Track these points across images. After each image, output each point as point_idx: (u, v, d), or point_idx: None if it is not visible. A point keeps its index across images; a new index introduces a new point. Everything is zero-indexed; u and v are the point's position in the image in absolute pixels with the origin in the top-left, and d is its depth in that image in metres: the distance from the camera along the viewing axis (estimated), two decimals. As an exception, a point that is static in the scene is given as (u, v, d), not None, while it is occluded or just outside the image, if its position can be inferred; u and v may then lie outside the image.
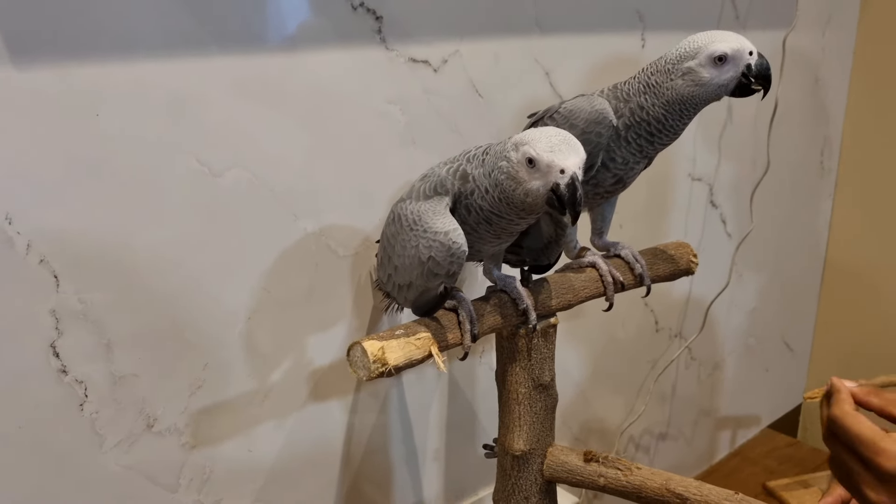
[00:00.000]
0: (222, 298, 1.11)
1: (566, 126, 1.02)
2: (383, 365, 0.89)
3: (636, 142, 1.02)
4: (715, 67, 0.97)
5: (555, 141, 0.84)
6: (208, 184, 1.05)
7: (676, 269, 1.19)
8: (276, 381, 1.19)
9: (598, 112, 1.01)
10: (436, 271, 0.91)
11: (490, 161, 0.90)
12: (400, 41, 1.20)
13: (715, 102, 1.02)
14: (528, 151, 0.84)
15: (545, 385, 1.08)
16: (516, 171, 0.85)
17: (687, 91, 0.98)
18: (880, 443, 0.71)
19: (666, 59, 1.00)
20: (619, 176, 1.06)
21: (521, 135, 0.87)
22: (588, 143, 1.01)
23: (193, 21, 0.99)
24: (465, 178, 0.92)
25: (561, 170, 0.83)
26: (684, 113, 1.00)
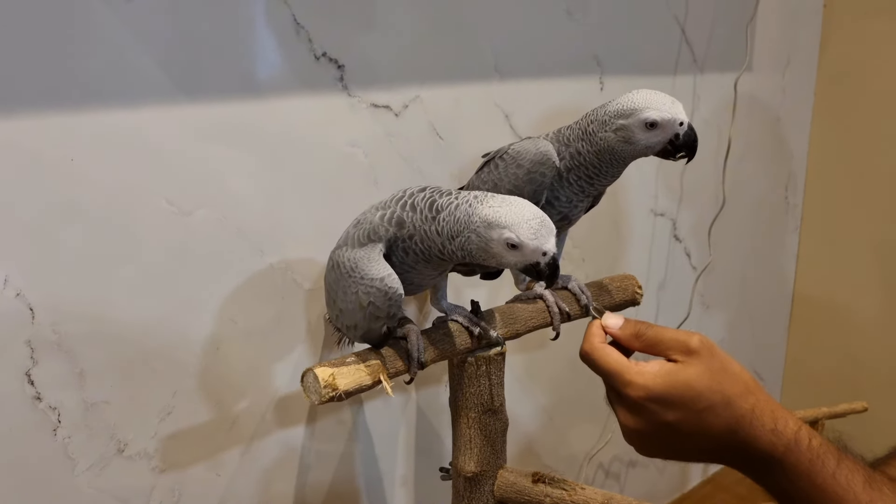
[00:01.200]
0: (191, 329, 1.18)
1: (513, 166, 1.10)
2: (333, 390, 0.96)
3: (577, 183, 1.10)
4: (645, 131, 1.04)
5: (535, 226, 0.89)
6: (178, 222, 1.12)
7: (622, 300, 1.26)
8: (243, 408, 1.26)
9: (543, 154, 1.08)
10: (377, 314, 0.98)
11: (449, 223, 0.93)
12: (361, 88, 1.28)
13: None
14: (510, 238, 0.89)
15: (495, 409, 1.15)
16: (493, 249, 0.91)
17: (616, 145, 1.06)
18: (626, 375, 0.73)
19: (605, 111, 1.07)
20: (563, 213, 1.14)
21: (495, 214, 0.89)
22: (533, 182, 1.09)
23: (161, 72, 1.07)
24: (400, 225, 0.98)
25: (543, 252, 0.91)
26: (615, 162, 1.08)
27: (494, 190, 1.11)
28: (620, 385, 0.73)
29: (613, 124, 1.05)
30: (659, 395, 0.71)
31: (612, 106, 1.07)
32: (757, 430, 0.71)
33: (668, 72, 1.84)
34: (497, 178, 1.11)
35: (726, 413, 0.71)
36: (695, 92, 1.91)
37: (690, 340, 0.74)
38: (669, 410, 0.71)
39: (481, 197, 0.93)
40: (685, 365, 0.72)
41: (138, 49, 1.04)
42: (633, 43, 1.73)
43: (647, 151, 1.07)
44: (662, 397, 0.71)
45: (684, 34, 1.83)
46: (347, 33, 1.24)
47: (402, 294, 0.97)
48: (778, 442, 0.70)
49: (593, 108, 1.11)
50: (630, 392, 0.72)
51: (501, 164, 1.12)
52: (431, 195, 0.97)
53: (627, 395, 0.73)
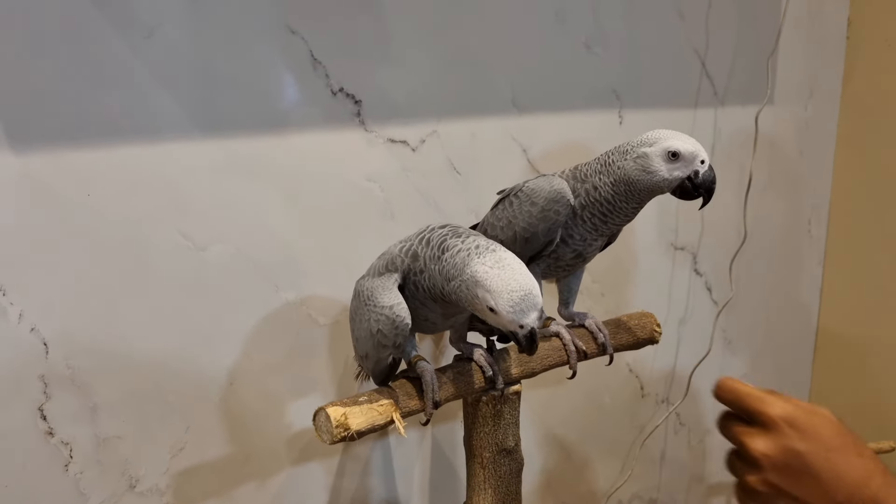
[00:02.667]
0: (205, 364, 1.17)
1: (528, 203, 1.09)
2: (345, 430, 0.94)
3: (591, 221, 1.09)
4: (666, 161, 1.03)
5: (516, 299, 0.88)
6: (193, 257, 1.12)
7: (640, 339, 1.24)
8: (257, 444, 1.25)
9: (557, 192, 1.07)
10: (383, 342, 0.97)
11: (448, 266, 0.93)
12: (378, 123, 1.28)
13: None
14: (490, 303, 0.88)
15: (509, 450, 1.13)
16: (477, 305, 0.91)
17: (634, 174, 1.04)
18: (765, 396, 0.76)
19: (628, 143, 1.07)
20: (578, 251, 1.12)
21: (484, 274, 0.88)
22: (547, 220, 1.08)
23: (176, 108, 1.08)
24: (415, 258, 0.98)
25: (520, 325, 0.90)
26: (630, 196, 1.06)
27: (508, 228, 1.10)
28: (759, 404, 0.76)
29: (635, 153, 1.04)
30: (796, 419, 0.74)
31: (637, 138, 1.06)
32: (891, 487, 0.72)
33: (689, 105, 1.82)
34: (511, 215, 1.11)
35: (860, 462, 0.73)
36: (715, 125, 1.89)
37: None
38: (803, 440, 0.73)
39: (482, 249, 0.92)
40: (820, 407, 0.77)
41: (155, 85, 1.05)
42: (652, 76, 1.72)
43: (664, 185, 1.05)
44: (799, 423, 0.74)
45: (704, 67, 1.82)
46: (364, 68, 1.24)
47: (409, 324, 0.96)
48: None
49: (613, 147, 1.10)
50: (769, 410, 0.75)
51: (516, 201, 1.11)
52: (446, 235, 0.97)
53: (766, 414, 0.75)
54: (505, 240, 1.11)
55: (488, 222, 1.16)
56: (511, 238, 1.10)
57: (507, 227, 1.11)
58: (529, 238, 1.09)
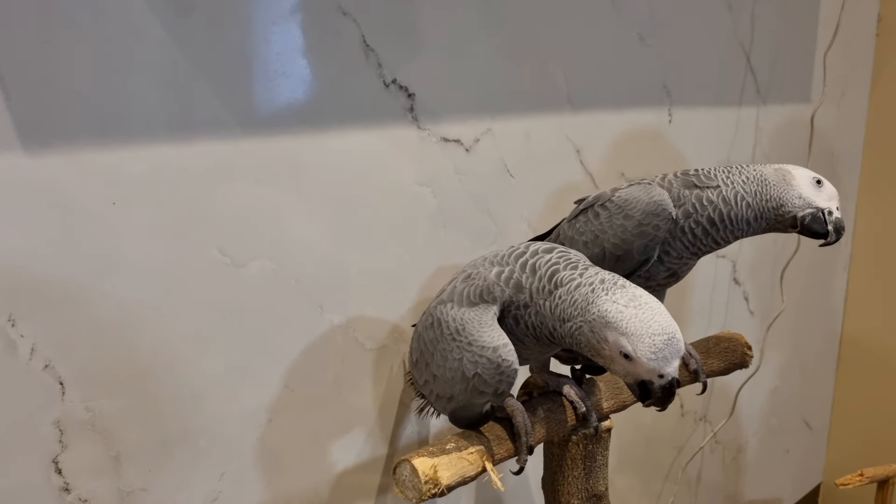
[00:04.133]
0: (241, 400, 1.01)
1: (620, 216, 0.95)
2: (435, 485, 0.79)
3: (693, 232, 0.95)
4: (810, 185, 0.94)
5: (659, 343, 0.75)
6: (230, 275, 0.96)
7: (731, 363, 1.11)
8: (298, 488, 1.08)
9: (657, 203, 0.94)
10: (482, 389, 0.82)
11: (564, 303, 0.79)
12: (432, 119, 1.13)
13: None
14: (625, 348, 0.75)
15: (599, 495, 0.99)
16: (603, 351, 0.77)
17: (772, 178, 0.94)
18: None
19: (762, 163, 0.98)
20: (672, 270, 0.99)
21: (617, 314, 0.75)
22: (644, 235, 0.94)
23: (214, 101, 0.91)
24: (518, 289, 0.83)
25: (660, 375, 0.76)
26: (752, 204, 0.94)
27: (595, 243, 0.96)
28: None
29: (774, 165, 0.95)
30: None
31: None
32: None
33: (734, 103, 1.70)
34: (599, 229, 0.96)
35: None
36: (757, 124, 1.78)
37: None
38: None
39: (609, 284, 0.78)
40: None
41: (191, 73, 0.88)
42: (700, 71, 1.60)
43: (798, 204, 0.95)
44: None
45: (749, 63, 1.70)
46: (420, 58, 1.09)
47: (517, 370, 0.81)
48: None
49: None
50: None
51: (604, 213, 0.97)
52: (556, 263, 0.82)
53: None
54: (590, 257, 0.96)
55: (566, 235, 1.02)
56: (598, 255, 0.96)
57: (593, 243, 0.96)
58: (622, 256, 0.95)
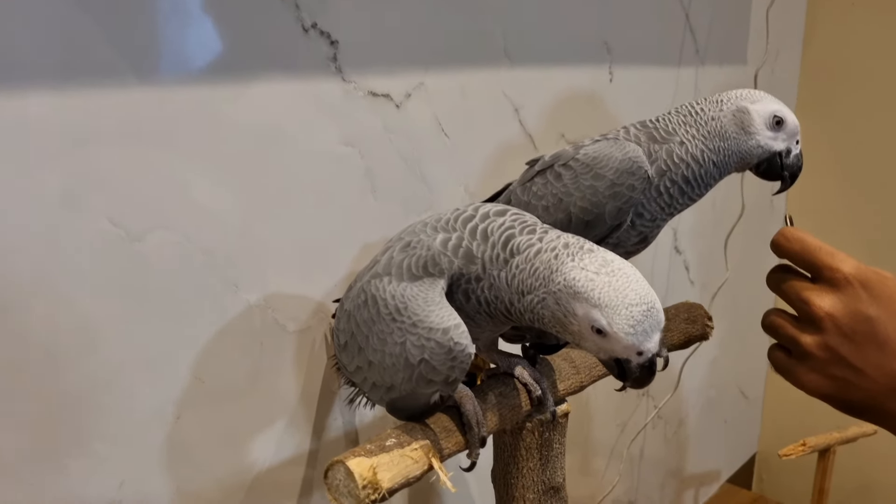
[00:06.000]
0: (143, 396, 0.86)
1: (589, 176, 0.84)
2: (375, 489, 0.67)
3: (668, 192, 0.85)
4: (768, 126, 0.85)
5: (638, 315, 0.64)
6: (125, 250, 0.81)
7: (690, 335, 1.02)
8: (210, 493, 0.95)
9: (632, 160, 0.83)
10: (430, 377, 0.70)
11: (523, 272, 0.69)
12: (358, 71, 1.00)
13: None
14: (598, 322, 0.64)
15: (557, 487, 0.88)
16: (571, 325, 0.66)
17: (731, 129, 0.84)
18: (837, 252, 0.70)
19: (719, 94, 0.87)
20: (643, 234, 0.90)
21: (587, 282, 0.64)
22: (618, 197, 0.83)
23: (103, 45, 0.76)
24: (469, 259, 0.72)
25: (639, 352, 0.66)
26: (719, 158, 0.85)
27: (558, 208, 0.85)
28: (831, 259, 0.68)
29: (734, 105, 0.84)
30: (869, 281, 0.67)
31: (732, 92, 0.86)
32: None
33: (674, 62, 1.63)
34: (563, 192, 0.85)
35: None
36: (696, 84, 1.71)
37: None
38: (873, 303, 0.67)
39: (574, 248, 0.67)
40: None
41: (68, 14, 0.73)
42: (640, 30, 1.51)
43: (757, 153, 0.86)
44: (873, 285, 0.67)
45: (688, 21, 1.62)
46: (344, 1, 0.96)
47: (472, 354, 0.69)
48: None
49: (695, 99, 0.90)
50: (843, 267, 0.68)
51: (568, 173, 0.85)
52: (510, 227, 0.71)
53: (838, 271, 0.68)
54: (552, 223, 0.85)
55: (519, 201, 0.90)
56: (563, 221, 0.85)
57: (555, 208, 0.85)
58: (591, 221, 0.84)
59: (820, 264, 0.69)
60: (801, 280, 0.72)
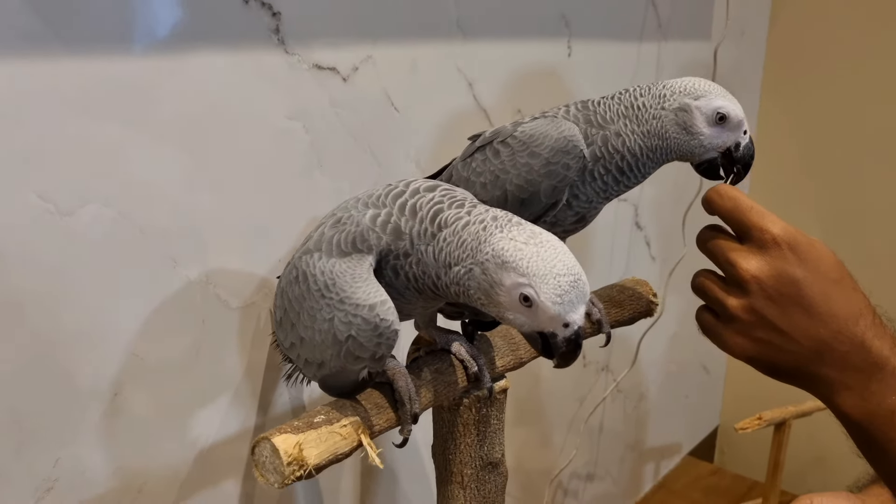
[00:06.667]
0: (79, 373, 0.85)
1: (525, 154, 0.84)
2: (301, 466, 0.67)
3: (602, 179, 0.85)
4: (710, 123, 0.82)
5: (565, 285, 0.64)
6: (55, 226, 0.79)
7: (635, 312, 1.03)
8: (153, 470, 0.94)
9: (567, 139, 0.82)
10: (357, 354, 0.70)
11: (450, 245, 0.68)
12: (302, 43, 0.98)
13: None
14: (526, 292, 0.64)
15: (495, 463, 0.89)
16: (498, 296, 0.66)
17: (672, 129, 0.82)
18: (768, 212, 0.70)
19: (664, 85, 0.84)
20: (581, 214, 0.89)
21: (515, 252, 0.64)
22: (553, 175, 0.83)
23: (26, 9, 0.74)
24: (397, 235, 0.71)
25: (565, 323, 0.65)
26: (656, 155, 0.84)
27: (495, 185, 0.84)
28: (761, 219, 0.69)
29: (676, 101, 0.82)
30: (798, 244, 0.68)
31: (676, 83, 0.84)
32: (879, 330, 0.68)
33: (635, 37, 1.62)
34: (500, 169, 0.84)
35: (854, 298, 0.69)
36: (659, 60, 1.70)
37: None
38: (800, 265, 0.68)
39: (503, 220, 0.67)
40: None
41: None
42: (600, 3, 1.49)
43: (700, 152, 0.84)
44: (801, 248, 0.68)
45: (651, -3, 1.62)
46: (285, -31, 0.94)
47: (398, 331, 0.69)
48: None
49: (636, 85, 0.88)
50: (772, 228, 0.68)
51: (506, 150, 0.85)
52: (439, 202, 0.70)
53: (767, 232, 0.68)
54: (489, 200, 0.84)
55: (460, 176, 0.89)
56: (499, 199, 0.84)
57: (492, 185, 0.85)
58: (527, 199, 0.83)
59: (749, 224, 0.70)
60: (730, 240, 0.72)
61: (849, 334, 0.68)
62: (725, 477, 2.21)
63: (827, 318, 0.68)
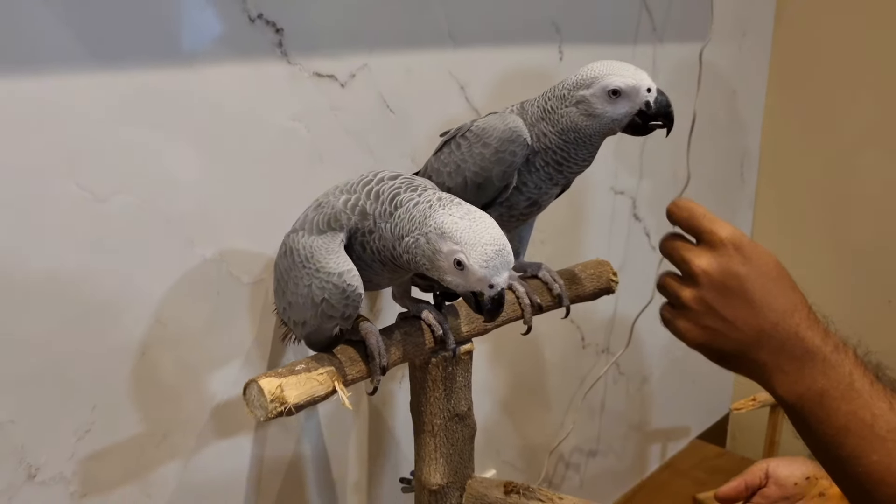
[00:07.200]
0: (112, 334, 1.02)
1: (479, 145, 0.98)
2: (282, 404, 0.82)
3: (544, 169, 0.98)
4: (608, 101, 0.94)
5: (490, 253, 0.78)
6: (92, 210, 0.96)
7: (596, 289, 1.16)
8: (175, 420, 1.11)
9: (512, 130, 0.96)
10: (330, 313, 0.86)
11: (403, 221, 0.83)
12: (303, 55, 1.13)
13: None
14: (459, 257, 0.78)
15: (462, 415, 1.03)
16: (439, 261, 0.80)
17: (580, 121, 0.95)
18: (718, 219, 0.80)
19: (563, 85, 0.97)
20: (532, 199, 1.02)
21: (452, 225, 0.79)
22: (502, 162, 0.97)
23: (71, 34, 0.91)
24: (363, 215, 0.86)
25: (490, 284, 0.79)
26: (580, 143, 0.97)
27: (457, 173, 0.99)
28: (710, 223, 0.79)
29: (573, 97, 0.95)
30: (742, 244, 0.77)
31: (571, 79, 0.96)
32: (812, 323, 0.77)
33: (629, 41, 1.73)
34: (460, 159, 0.99)
35: (791, 295, 0.78)
36: (654, 62, 1.81)
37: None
38: (744, 263, 0.77)
39: (446, 201, 0.82)
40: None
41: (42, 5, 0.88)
42: (592, 8, 1.61)
43: (615, 125, 0.96)
44: (745, 248, 0.77)
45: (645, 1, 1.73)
46: (286, -8, 1.09)
47: (362, 294, 0.84)
48: (828, 340, 0.77)
49: (552, 85, 1.00)
50: (720, 231, 0.78)
51: (465, 142, 0.99)
52: (398, 188, 0.85)
53: (715, 234, 0.78)
54: (453, 187, 0.99)
55: (433, 168, 1.04)
56: (461, 185, 0.99)
57: (455, 173, 0.99)
58: (482, 184, 0.98)
59: (701, 228, 0.80)
60: (685, 243, 0.83)
61: (785, 325, 0.77)
62: (732, 459, 2.30)
63: (766, 310, 0.77)
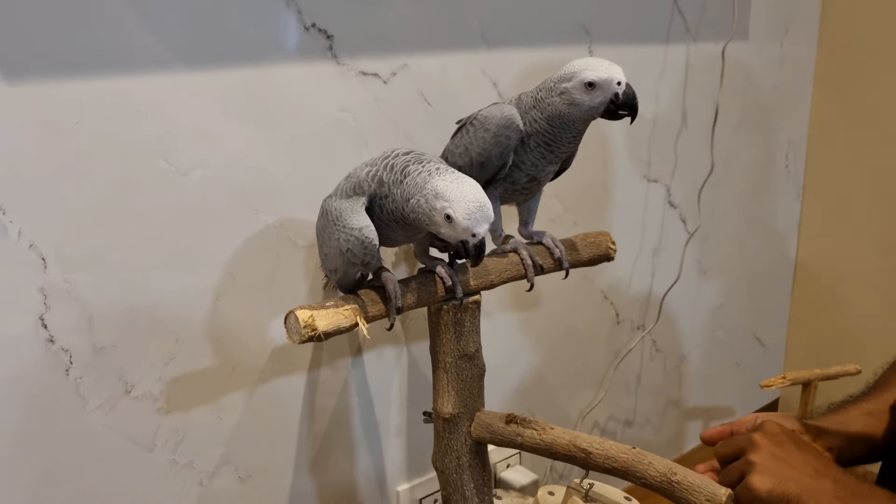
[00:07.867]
0: (191, 281, 1.27)
1: (481, 130, 1.18)
2: (312, 330, 1.05)
3: (537, 149, 1.18)
4: (585, 92, 1.13)
5: (472, 208, 0.99)
6: (176, 181, 1.22)
7: (595, 255, 1.33)
8: (241, 357, 1.36)
9: (507, 118, 1.16)
10: (353, 261, 1.08)
11: (409, 186, 1.03)
12: (350, 56, 1.36)
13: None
14: (448, 211, 0.99)
15: (470, 355, 1.23)
16: (434, 217, 1.01)
17: (563, 108, 1.14)
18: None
19: (551, 79, 1.16)
20: (531, 175, 1.21)
21: (444, 188, 0.99)
22: (499, 144, 1.17)
23: (160, 41, 1.16)
24: (380, 183, 1.08)
25: (473, 234, 1.00)
26: (565, 127, 1.15)
27: (465, 154, 1.19)
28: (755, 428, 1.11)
29: (558, 89, 1.14)
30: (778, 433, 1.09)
31: (557, 74, 1.15)
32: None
33: (660, 40, 1.88)
34: (468, 142, 1.19)
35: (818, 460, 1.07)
36: (687, 61, 1.95)
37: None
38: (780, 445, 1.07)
39: (442, 170, 1.03)
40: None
41: (139, 19, 1.13)
42: (622, 10, 1.77)
43: (592, 112, 1.15)
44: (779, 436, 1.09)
45: (676, 2, 1.87)
46: (336, 4, 1.32)
47: (377, 244, 1.06)
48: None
49: (541, 82, 1.19)
50: (768, 426, 1.10)
51: (471, 129, 1.20)
52: (409, 161, 1.06)
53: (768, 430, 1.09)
54: (463, 165, 1.19)
55: (448, 150, 1.25)
56: (468, 164, 1.19)
57: (464, 154, 1.20)
58: (484, 162, 1.18)
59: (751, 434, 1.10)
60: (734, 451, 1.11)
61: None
62: (774, 440, 2.39)
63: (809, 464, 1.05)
